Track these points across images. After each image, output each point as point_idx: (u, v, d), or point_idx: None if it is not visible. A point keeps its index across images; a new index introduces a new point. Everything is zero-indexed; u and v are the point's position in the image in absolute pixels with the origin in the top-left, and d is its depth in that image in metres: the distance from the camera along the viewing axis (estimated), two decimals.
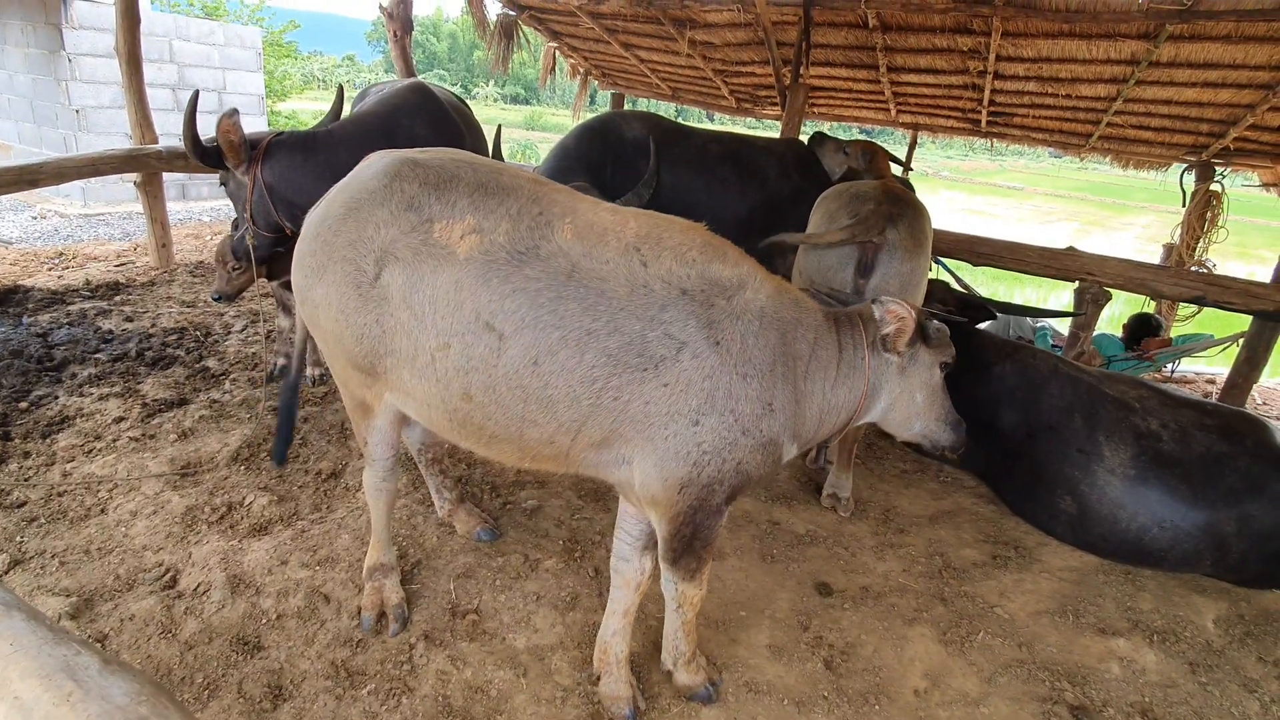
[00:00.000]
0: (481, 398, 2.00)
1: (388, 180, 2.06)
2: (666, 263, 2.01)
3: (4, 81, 9.26)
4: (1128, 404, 3.50)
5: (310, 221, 2.18)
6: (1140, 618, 2.97)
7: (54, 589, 2.55)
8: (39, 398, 3.79)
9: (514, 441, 2.09)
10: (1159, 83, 6.21)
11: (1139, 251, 18.15)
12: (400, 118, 3.70)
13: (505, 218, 1.99)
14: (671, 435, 1.99)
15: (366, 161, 2.22)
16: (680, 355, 1.96)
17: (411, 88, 3.88)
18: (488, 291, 1.93)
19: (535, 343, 1.92)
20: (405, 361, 2.06)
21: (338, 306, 2.08)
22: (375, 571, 2.57)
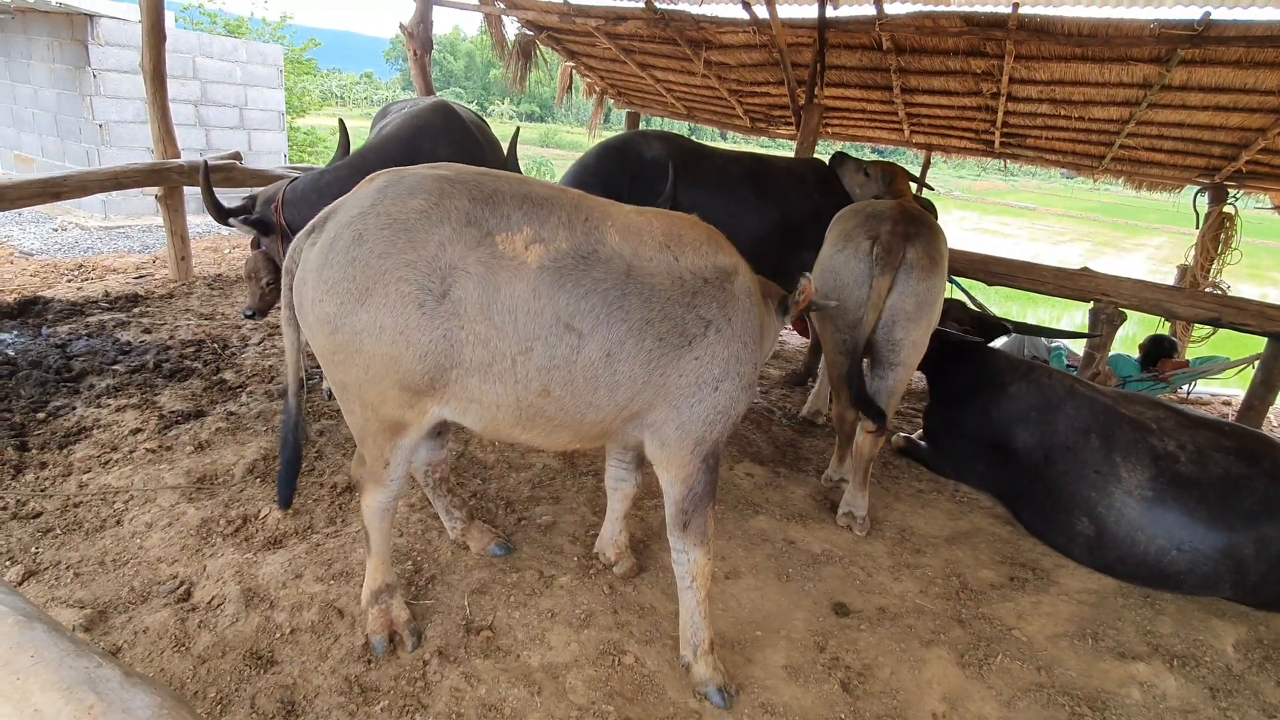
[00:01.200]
0: (559, 392, 2.19)
1: (435, 198, 2.08)
2: (690, 256, 2.34)
3: (29, 96, 9.44)
4: (1145, 425, 3.47)
5: (330, 248, 2.06)
6: (1160, 642, 2.92)
7: (68, 600, 2.55)
8: (57, 408, 3.82)
9: (574, 427, 2.30)
10: (1171, 106, 6.22)
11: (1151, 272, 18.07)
12: (423, 140, 3.73)
13: (560, 226, 2.15)
14: (697, 401, 2.33)
15: (382, 184, 2.15)
16: (708, 332, 2.31)
17: (434, 108, 3.89)
18: (564, 295, 2.10)
19: (608, 337, 2.16)
20: (476, 370, 2.13)
21: (394, 329, 2.04)
22: (380, 594, 2.49)
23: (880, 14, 5.99)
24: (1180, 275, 8.01)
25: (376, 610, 2.48)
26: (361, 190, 2.18)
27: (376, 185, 2.16)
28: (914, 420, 5.13)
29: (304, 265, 2.13)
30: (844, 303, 3.37)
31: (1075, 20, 5.50)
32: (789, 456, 4.27)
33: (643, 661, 2.50)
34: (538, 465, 3.72)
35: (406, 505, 3.23)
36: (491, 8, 7.97)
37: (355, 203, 2.13)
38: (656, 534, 3.26)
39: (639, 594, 2.85)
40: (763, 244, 4.72)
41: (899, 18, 5.98)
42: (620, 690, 2.38)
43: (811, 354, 5.58)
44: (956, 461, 4.12)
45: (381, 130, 4.01)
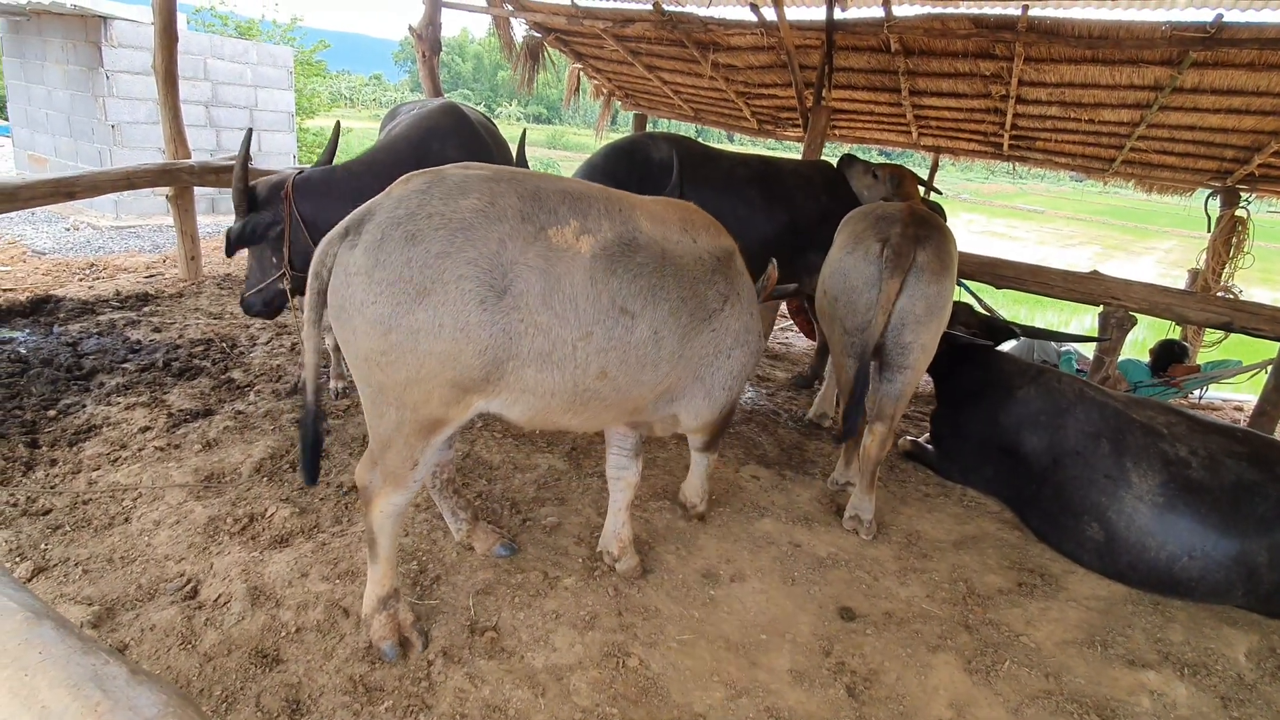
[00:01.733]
0: (615, 372, 2.35)
1: (489, 197, 2.14)
2: (704, 237, 2.65)
3: (43, 97, 9.52)
4: (1156, 430, 3.44)
5: (380, 249, 2.04)
6: (1170, 649, 2.89)
7: (76, 597, 2.56)
8: (67, 406, 3.84)
9: (619, 405, 2.49)
10: (1183, 109, 6.18)
11: (1162, 276, 17.94)
12: (432, 142, 3.72)
13: (602, 216, 2.32)
14: (718, 369, 2.73)
15: (423, 185, 2.15)
16: (724, 306, 2.66)
17: (443, 110, 3.87)
18: (617, 280, 2.28)
19: (655, 316, 2.38)
20: (534, 360, 2.21)
21: (454, 326, 2.07)
22: (388, 600, 2.44)
23: (889, 16, 5.98)
24: (1191, 279, 7.96)
25: (384, 616, 2.43)
26: (399, 192, 2.15)
27: (416, 187, 2.14)
28: (921, 424, 5.11)
29: (345, 268, 2.09)
30: (853, 305, 3.36)
31: (1085, 22, 5.47)
32: (795, 459, 4.25)
33: (647, 664, 2.50)
34: (543, 466, 3.72)
35: (412, 506, 3.23)
36: (500, 10, 7.99)
37: (397, 204, 2.10)
38: (661, 536, 3.26)
39: (644, 596, 2.84)
40: (770, 246, 4.70)
41: (907, 20, 5.97)
42: (624, 693, 2.37)
43: (818, 356, 5.56)
44: (964, 465, 4.10)
45: (391, 131, 4.00)
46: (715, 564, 3.10)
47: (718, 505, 3.58)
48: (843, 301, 3.41)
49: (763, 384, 5.58)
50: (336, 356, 4.31)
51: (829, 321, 3.58)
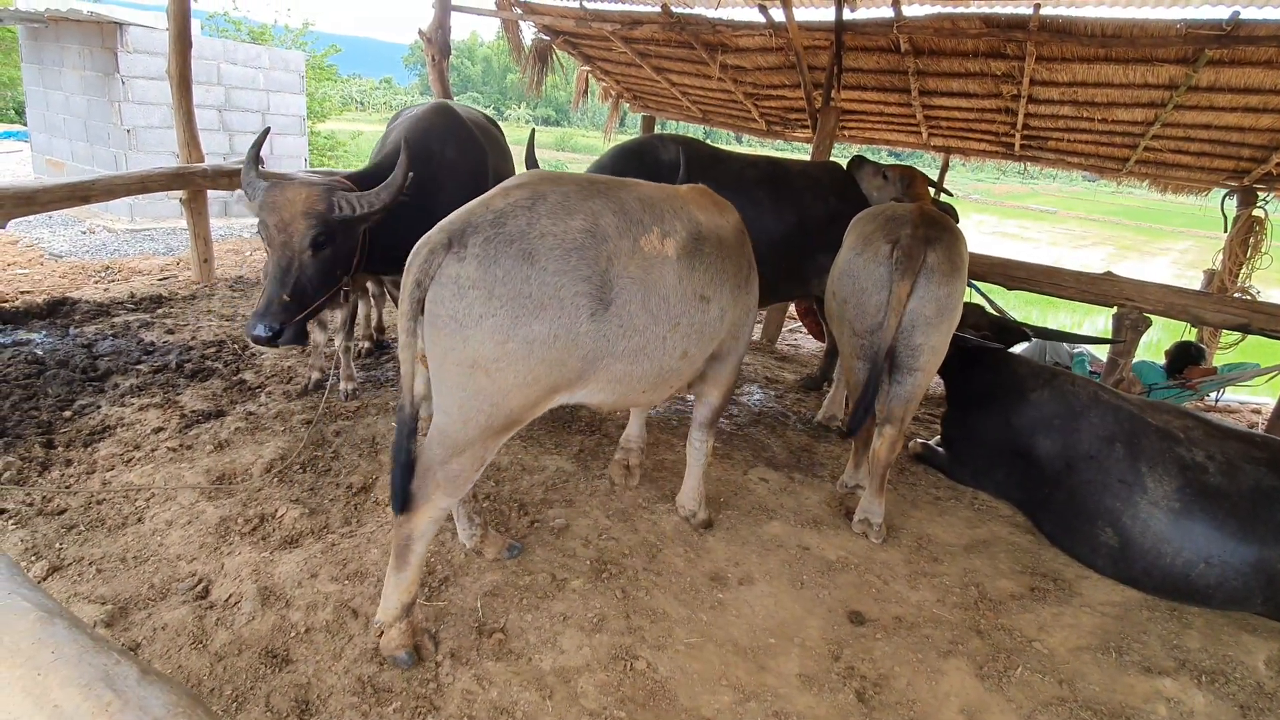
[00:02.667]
0: (694, 351, 2.69)
1: (593, 219, 2.31)
2: (730, 215, 2.99)
3: (60, 102, 9.65)
4: (1172, 434, 3.40)
5: (494, 264, 2.13)
6: (1187, 657, 2.85)
7: (90, 596, 2.58)
8: (82, 406, 3.88)
9: (677, 379, 2.75)
10: (1198, 107, 6.11)
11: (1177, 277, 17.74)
12: (431, 143, 3.71)
13: (674, 217, 2.58)
14: (744, 329, 3.07)
15: (527, 200, 2.23)
16: (751, 271, 3.05)
17: (436, 110, 3.84)
18: (696, 273, 2.59)
19: (721, 294, 2.74)
20: (628, 355, 2.44)
21: (566, 337, 2.24)
22: (410, 607, 2.41)
23: (898, 16, 5.95)
24: (1207, 280, 7.87)
25: (404, 624, 2.40)
26: (501, 205, 2.23)
27: (519, 202, 2.24)
28: (932, 426, 5.07)
29: (456, 280, 2.13)
30: (862, 307, 3.34)
31: (1099, 20, 5.43)
32: (804, 461, 4.23)
33: (655, 667, 2.49)
34: (550, 468, 3.72)
35: None
36: (509, 13, 8.03)
37: (502, 220, 2.19)
38: (669, 539, 3.25)
39: (651, 599, 2.83)
40: (779, 247, 4.69)
41: (917, 20, 5.94)
42: (632, 696, 2.37)
43: (827, 358, 5.53)
44: (975, 469, 4.06)
45: (387, 137, 3.98)
46: (723, 567, 3.09)
47: (726, 508, 3.57)
48: (852, 303, 3.39)
49: (771, 386, 5.56)
50: (346, 359, 4.34)
51: (838, 323, 3.56)
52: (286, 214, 2.91)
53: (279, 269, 2.93)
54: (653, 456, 3.99)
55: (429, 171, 3.51)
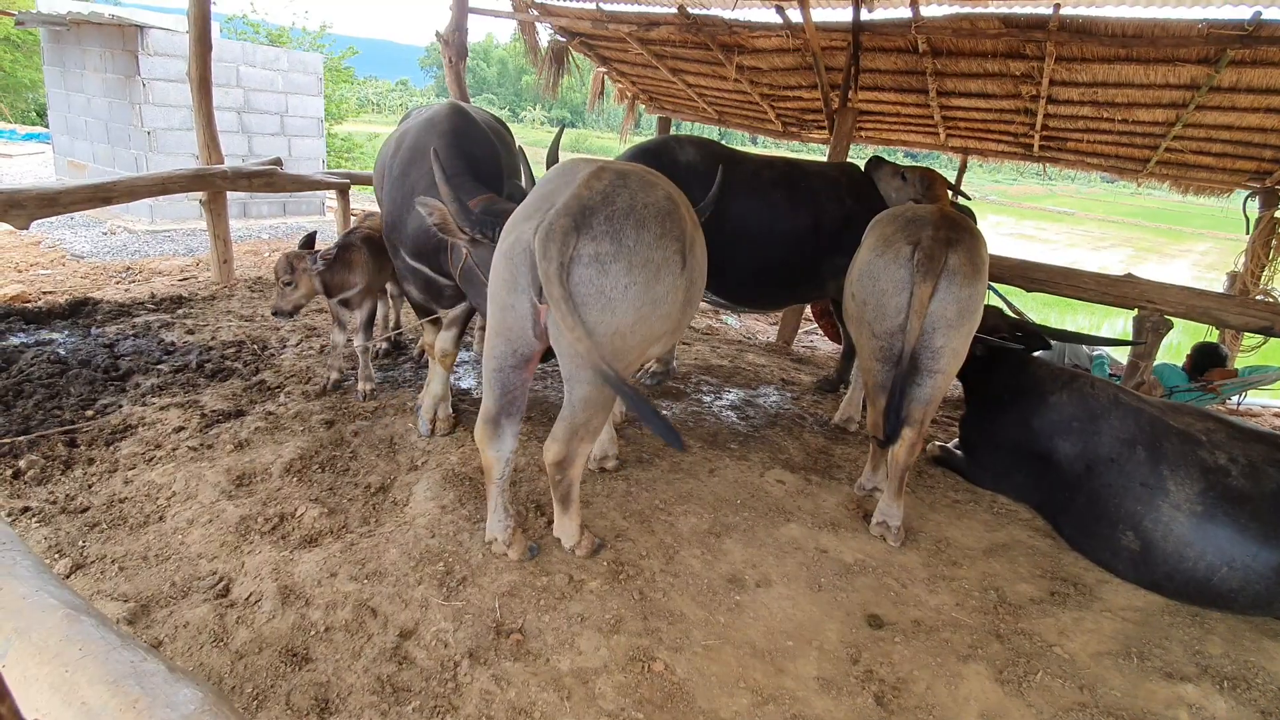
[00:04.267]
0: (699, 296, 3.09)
1: (666, 187, 2.75)
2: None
3: (82, 104, 9.78)
4: (1194, 437, 3.36)
5: (623, 236, 2.49)
6: (1209, 662, 2.81)
7: (113, 594, 2.61)
8: (104, 406, 3.93)
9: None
10: (1220, 108, 6.03)
11: (1197, 279, 17.51)
12: (461, 141, 3.63)
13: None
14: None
15: (617, 179, 2.59)
16: None
17: (449, 112, 3.80)
18: (702, 235, 2.98)
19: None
20: (690, 304, 2.85)
21: (674, 292, 2.66)
22: (584, 528, 3.08)
23: (916, 16, 5.91)
24: (1230, 282, 7.76)
25: (588, 539, 3.03)
26: (600, 186, 2.55)
27: (611, 183, 2.56)
28: (950, 429, 5.03)
29: (597, 257, 2.46)
30: (882, 308, 3.32)
31: (1119, 21, 5.37)
32: (821, 464, 4.21)
33: (672, 669, 2.49)
34: None
35: (439, 507, 3.26)
36: (525, 15, 8.05)
37: (609, 198, 2.52)
38: (686, 540, 3.24)
39: (668, 600, 2.83)
40: (795, 248, 4.68)
41: (936, 20, 5.90)
42: (649, 697, 2.36)
43: (844, 360, 5.51)
44: (994, 472, 4.03)
45: (402, 141, 3.90)
46: (740, 569, 3.08)
47: (742, 509, 3.56)
48: (871, 305, 3.37)
49: (787, 387, 5.54)
50: (365, 359, 4.36)
51: (857, 325, 3.54)
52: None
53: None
54: (669, 458, 3.99)
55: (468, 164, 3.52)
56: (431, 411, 3.97)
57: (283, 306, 4.05)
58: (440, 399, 3.98)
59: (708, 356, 6.11)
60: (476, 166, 3.50)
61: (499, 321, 2.70)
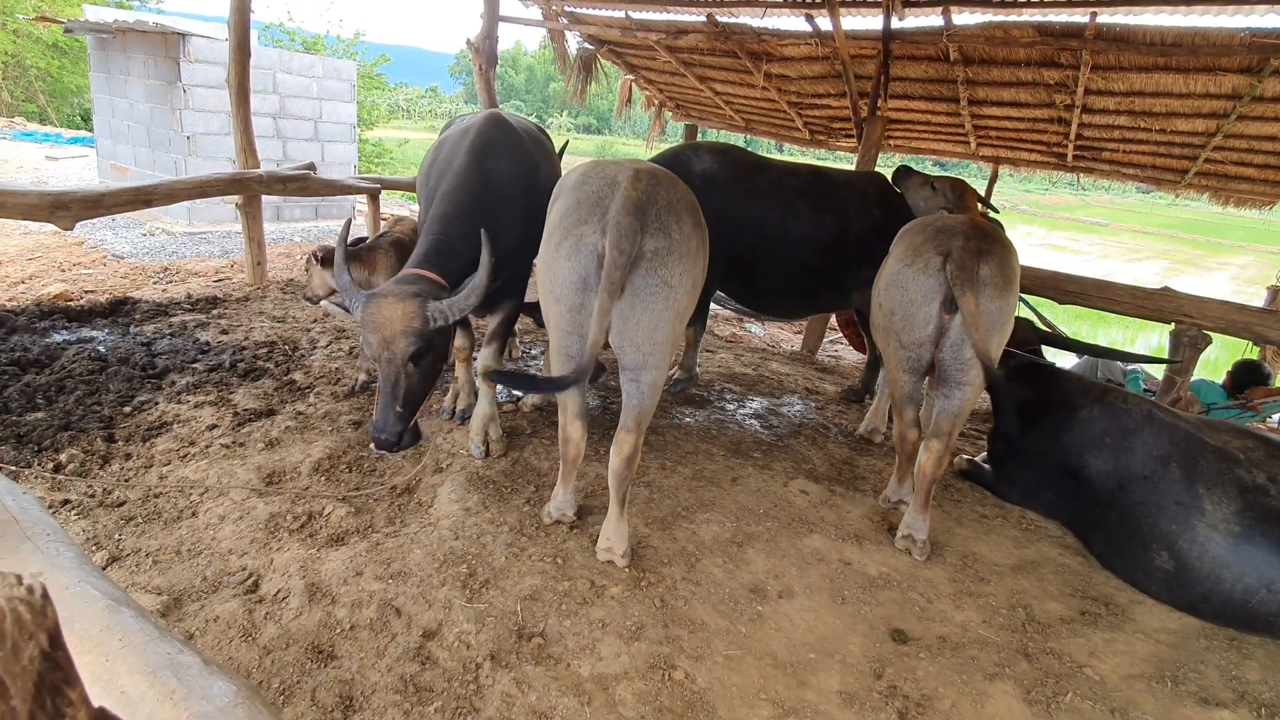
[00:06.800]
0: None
1: (686, 184, 3.09)
2: None
3: (125, 110, 10.06)
4: (1231, 455, 3.27)
5: (682, 228, 2.79)
6: (1247, 688, 2.73)
7: (147, 587, 2.67)
8: (141, 403, 4.03)
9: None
10: (1263, 118, 5.90)
11: (1236, 293, 17.08)
12: (487, 159, 3.63)
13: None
14: None
15: (654, 174, 2.89)
16: None
17: (489, 122, 3.79)
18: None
19: None
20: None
21: (703, 276, 3.04)
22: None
23: (948, 24, 5.87)
24: (1271, 297, 7.57)
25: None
26: (645, 184, 2.79)
27: (651, 181, 2.82)
28: (978, 442, 4.96)
29: (657, 251, 2.70)
30: (910, 318, 3.29)
31: (1158, 29, 5.28)
32: (845, 475, 4.18)
33: (693, 678, 2.48)
34: (591, 474, 3.74)
35: (463, 509, 3.29)
36: (555, 24, 8.13)
37: (655, 197, 2.77)
38: (708, 549, 3.23)
39: (690, 608, 2.82)
40: (819, 257, 4.64)
41: (968, 28, 5.85)
42: (670, 706, 2.36)
43: (869, 370, 5.46)
44: (1023, 487, 3.96)
45: (440, 154, 3.91)
46: (763, 579, 3.06)
47: (765, 519, 3.53)
48: (899, 315, 3.34)
49: (811, 397, 5.50)
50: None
51: (884, 335, 3.51)
52: (386, 333, 2.97)
53: (388, 382, 3.01)
54: (691, 465, 3.98)
55: (489, 190, 3.53)
56: (482, 433, 3.84)
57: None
58: (489, 419, 3.86)
59: (731, 364, 6.09)
60: (491, 187, 3.50)
61: (571, 322, 2.84)
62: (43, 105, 20.82)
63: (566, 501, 3.26)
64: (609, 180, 2.82)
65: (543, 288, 2.96)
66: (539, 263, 3.02)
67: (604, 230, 2.66)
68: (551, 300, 2.88)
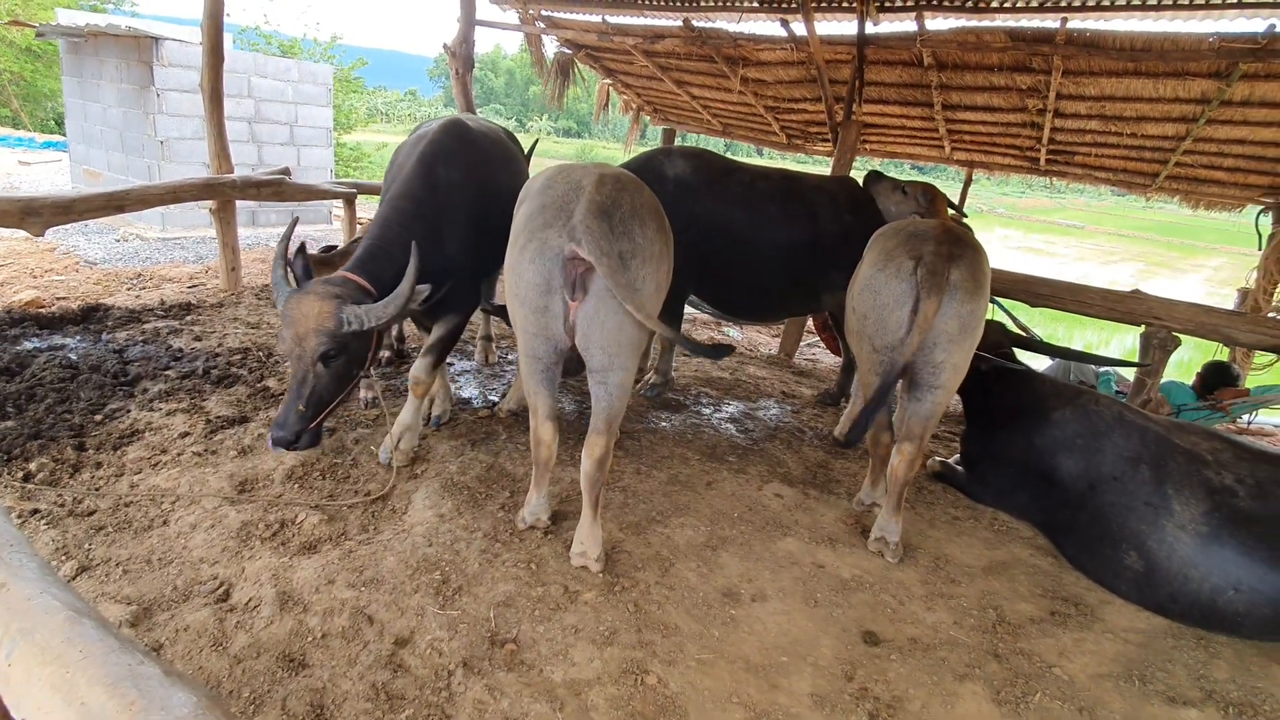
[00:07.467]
0: None
1: (650, 189, 3.13)
2: None
3: (98, 114, 9.93)
4: (1200, 456, 3.33)
5: (636, 233, 2.81)
6: (1214, 688, 2.77)
7: (116, 596, 2.64)
8: (113, 411, 3.97)
9: None
10: (1232, 122, 6.02)
11: (1209, 295, 17.40)
12: (438, 168, 3.58)
13: None
14: None
15: (617, 178, 2.89)
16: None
17: (443, 130, 3.70)
18: None
19: None
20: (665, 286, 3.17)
21: (667, 277, 3.10)
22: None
23: (921, 30, 5.95)
24: (1241, 299, 7.71)
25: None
26: (609, 189, 2.80)
27: (614, 186, 2.83)
28: (951, 444, 5.01)
29: (622, 254, 2.71)
30: (883, 322, 3.32)
31: (1128, 34, 5.37)
32: (819, 478, 4.20)
33: (666, 682, 2.48)
34: (565, 480, 3.73)
35: (437, 516, 3.28)
36: (532, 27, 8.13)
37: (619, 201, 2.79)
38: (682, 553, 3.24)
39: (663, 613, 2.83)
40: (791, 261, 4.67)
41: (941, 34, 5.93)
42: (642, 710, 2.36)
43: (844, 374, 5.50)
44: (995, 489, 4.01)
45: (396, 159, 3.86)
46: (736, 583, 3.08)
47: (739, 523, 3.55)
48: (872, 319, 3.37)
49: (787, 401, 5.54)
50: None
51: (857, 339, 3.54)
52: (300, 329, 2.95)
53: (296, 379, 3.01)
54: (667, 470, 4.00)
55: (436, 198, 3.50)
56: (396, 440, 3.71)
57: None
58: (408, 428, 3.75)
59: (708, 368, 6.12)
60: (439, 195, 3.49)
61: (536, 324, 2.87)
62: (16, 110, 20.50)
63: (540, 506, 3.26)
64: (574, 185, 2.83)
65: (508, 290, 2.98)
66: (505, 266, 3.02)
67: (569, 234, 2.67)
68: (516, 303, 2.90)
